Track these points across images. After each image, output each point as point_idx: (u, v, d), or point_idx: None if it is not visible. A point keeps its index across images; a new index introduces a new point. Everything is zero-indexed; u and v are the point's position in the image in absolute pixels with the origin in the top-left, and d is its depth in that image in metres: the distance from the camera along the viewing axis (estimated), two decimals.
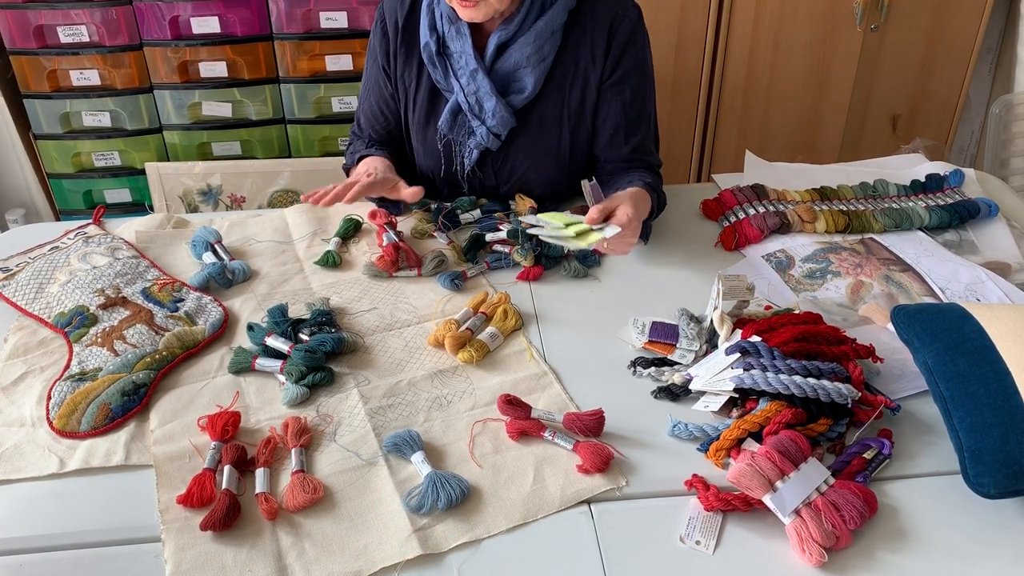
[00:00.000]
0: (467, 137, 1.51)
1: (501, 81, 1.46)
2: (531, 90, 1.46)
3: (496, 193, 1.59)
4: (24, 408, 1.13)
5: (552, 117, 1.50)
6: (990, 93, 2.69)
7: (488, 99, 1.45)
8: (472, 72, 1.44)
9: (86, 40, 2.27)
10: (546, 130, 1.51)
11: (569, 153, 1.54)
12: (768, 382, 1.06)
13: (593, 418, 1.08)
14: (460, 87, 1.46)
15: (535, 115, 1.50)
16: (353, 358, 1.22)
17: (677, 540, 0.95)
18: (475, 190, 1.59)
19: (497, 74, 1.45)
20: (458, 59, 1.45)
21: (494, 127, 1.47)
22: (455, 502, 0.98)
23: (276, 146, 2.46)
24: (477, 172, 1.55)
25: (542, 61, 1.44)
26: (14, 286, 1.34)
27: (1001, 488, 0.96)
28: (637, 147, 1.52)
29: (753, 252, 1.47)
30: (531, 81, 1.45)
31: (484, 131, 1.48)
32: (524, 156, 1.53)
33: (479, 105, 1.46)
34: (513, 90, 1.47)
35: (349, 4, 2.27)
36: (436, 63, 1.46)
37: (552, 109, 1.50)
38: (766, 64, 2.47)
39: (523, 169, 1.54)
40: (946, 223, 1.52)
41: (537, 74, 1.45)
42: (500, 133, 1.48)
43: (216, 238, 1.46)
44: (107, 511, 0.99)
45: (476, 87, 1.45)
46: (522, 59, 1.43)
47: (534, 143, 1.52)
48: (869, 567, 0.92)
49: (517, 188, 1.56)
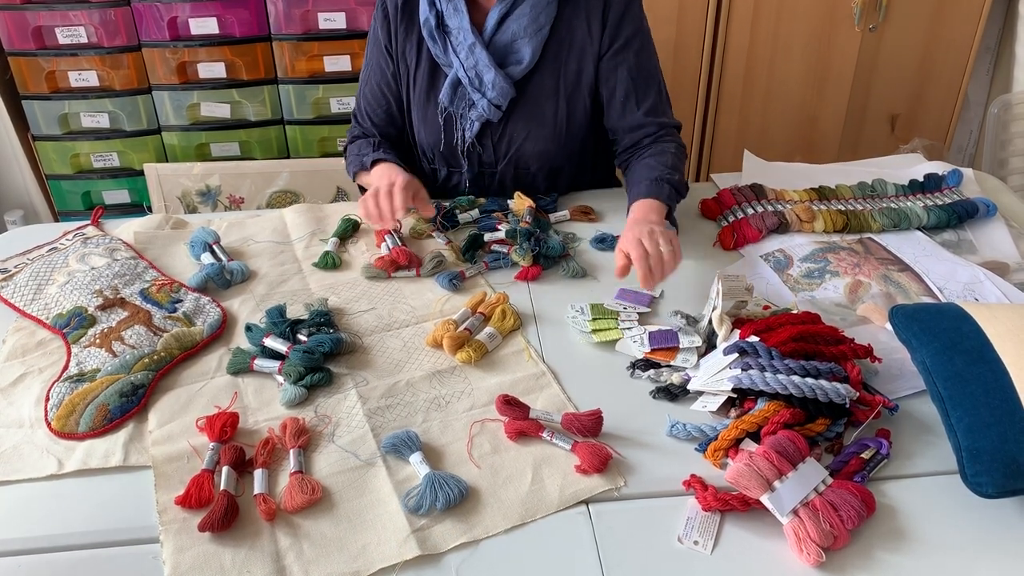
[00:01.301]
0: (468, 109, 1.54)
1: (499, 53, 1.50)
2: (529, 60, 1.49)
3: (494, 169, 1.61)
4: (22, 409, 1.13)
5: (549, 87, 1.54)
6: (988, 93, 2.69)
7: (487, 72, 1.48)
8: (470, 46, 1.48)
9: (84, 41, 2.27)
10: (543, 101, 1.54)
11: (566, 124, 1.56)
12: (766, 382, 1.06)
13: (591, 418, 1.08)
14: (459, 62, 1.49)
15: (533, 86, 1.53)
16: (351, 359, 1.22)
17: (675, 540, 0.95)
18: (473, 165, 1.61)
19: (495, 46, 1.49)
20: (456, 35, 1.49)
21: (494, 98, 1.50)
22: (453, 502, 0.98)
23: (275, 147, 2.46)
24: (476, 146, 1.58)
25: (539, 31, 1.48)
26: (12, 287, 1.34)
27: (999, 487, 0.96)
28: (650, 110, 1.54)
29: (752, 252, 1.47)
30: (528, 52, 1.49)
31: (485, 103, 1.51)
32: (522, 127, 1.55)
33: (479, 78, 1.49)
34: (511, 61, 1.51)
35: (347, 5, 2.28)
36: (436, 37, 1.50)
37: (549, 80, 1.53)
38: (765, 64, 2.47)
39: (521, 140, 1.57)
40: (944, 223, 1.52)
41: (534, 44, 1.49)
42: (500, 104, 1.52)
43: (214, 239, 1.46)
44: (105, 512, 0.99)
45: (475, 60, 1.48)
46: (519, 30, 1.48)
47: (531, 114, 1.55)
48: (867, 567, 0.92)
49: (515, 162, 1.59)
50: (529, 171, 1.59)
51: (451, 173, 1.63)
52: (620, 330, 1.25)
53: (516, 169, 1.60)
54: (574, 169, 1.64)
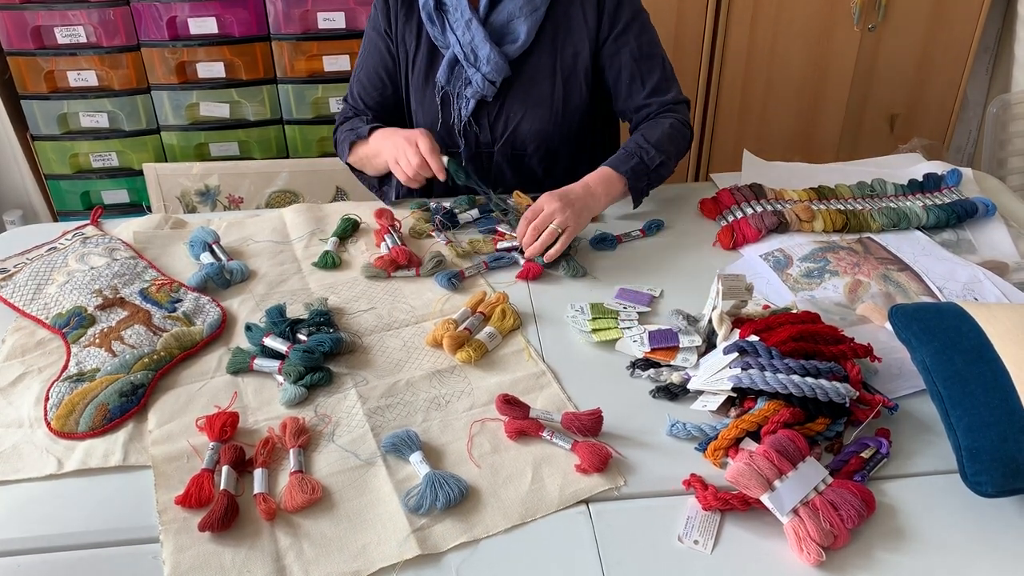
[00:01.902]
0: (464, 87, 1.57)
1: (496, 32, 1.53)
2: (524, 39, 1.52)
3: (491, 150, 1.62)
4: (22, 409, 1.13)
5: (546, 68, 1.56)
6: (987, 92, 2.69)
7: (482, 47, 1.51)
8: (467, 22, 1.51)
9: (83, 41, 2.27)
10: (540, 81, 1.57)
11: (563, 105, 1.59)
12: (766, 381, 1.06)
13: (591, 418, 1.08)
14: (456, 39, 1.52)
15: (529, 66, 1.56)
16: (351, 358, 1.22)
17: (675, 540, 0.95)
18: (471, 146, 1.63)
19: (492, 25, 1.53)
20: (453, 12, 1.52)
21: (489, 74, 1.53)
22: (453, 502, 0.98)
23: (274, 146, 2.46)
24: (473, 125, 1.60)
25: (534, 12, 1.52)
26: (12, 287, 1.34)
27: (999, 487, 0.96)
28: (654, 90, 1.58)
29: (751, 251, 1.47)
30: (524, 31, 1.52)
31: (479, 78, 1.53)
32: (518, 107, 1.57)
33: (474, 54, 1.52)
34: (507, 40, 1.54)
35: (347, 4, 2.28)
36: (434, 19, 1.53)
37: (545, 60, 1.56)
38: (764, 64, 2.48)
39: (517, 120, 1.59)
40: (944, 222, 1.52)
41: (530, 24, 1.52)
42: (495, 80, 1.54)
43: (214, 238, 1.46)
44: (105, 512, 0.99)
45: (471, 36, 1.51)
46: (515, 10, 1.51)
47: (527, 93, 1.57)
48: (867, 566, 0.92)
49: (511, 143, 1.61)
50: (526, 153, 1.61)
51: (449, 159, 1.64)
52: (620, 329, 1.25)
53: (513, 150, 1.62)
54: (571, 154, 1.66)
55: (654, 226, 1.53)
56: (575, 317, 1.29)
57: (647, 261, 1.45)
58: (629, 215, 1.58)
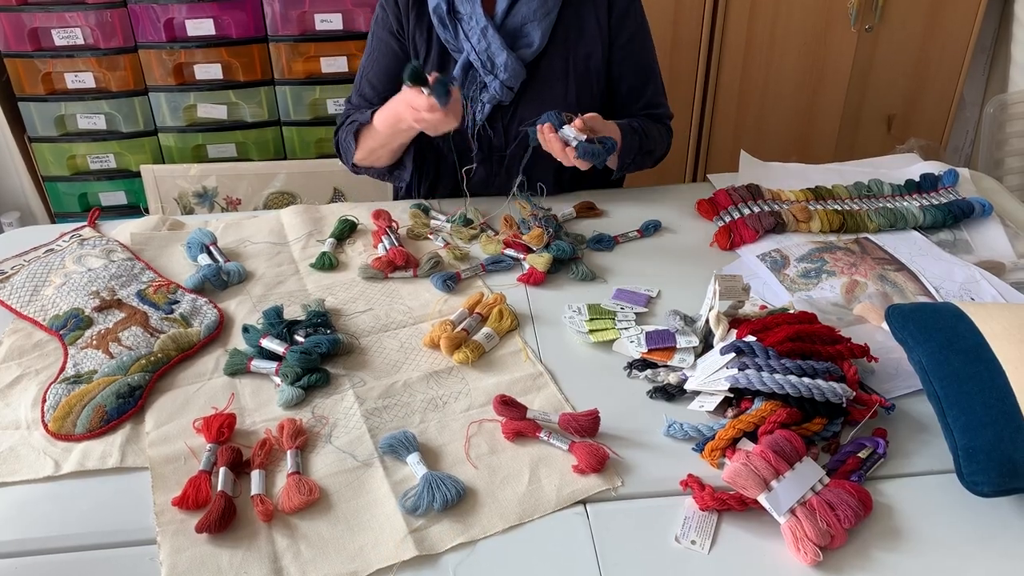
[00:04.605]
0: (479, 92, 1.57)
1: (509, 36, 1.53)
2: (538, 43, 1.53)
3: (503, 153, 1.62)
4: (19, 411, 1.13)
5: (559, 70, 1.57)
6: (984, 93, 2.70)
7: (499, 54, 1.51)
8: (483, 30, 1.50)
9: (81, 43, 2.27)
10: (553, 83, 1.58)
11: (576, 106, 1.58)
12: (763, 382, 1.06)
13: (588, 418, 1.08)
14: (471, 46, 1.52)
15: (542, 69, 1.57)
16: (349, 359, 1.22)
17: (672, 540, 0.95)
18: (483, 149, 1.63)
19: (506, 30, 1.53)
20: (468, 20, 1.52)
21: (507, 80, 1.53)
22: (451, 503, 0.98)
23: (271, 148, 2.46)
24: (487, 129, 1.60)
25: (547, 15, 1.52)
26: (9, 289, 1.34)
27: (995, 487, 0.96)
28: (649, 103, 1.64)
29: (748, 252, 1.47)
30: (537, 35, 1.52)
31: (497, 85, 1.54)
32: (532, 110, 1.56)
33: (491, 61, 1.52)
34: (521, 44, 1.54)
35: (344, 6, 2.27)
36: (447, 23, 1.53)
37: (559, 63, 1.57)
38: (761, 64, 2.48)
39: (531, 122, 1.57)
40: (940, 223, 1.52)
41: (543, 27, 1.52)
42: (513, 86, 1.55)
43: (211, 240, 1.46)
44: (102, 514, 0.99)
45: (487, 44, 1.51)
46: (529, 13, 1.51)
47: (542, 95, 1.57)
48: (864, 566, 0.92)
49: (523, 147, 1.58)
50: (537, 152, 1.59)
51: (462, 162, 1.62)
52: (617, 330, 1.26)
53: (525, 152, 1.60)
54: None
55: (651, 227, 1.54)
56: (572, 318, 1.29)
57: (644, 262, 1.45)
58: (627, 216, 1.58)
